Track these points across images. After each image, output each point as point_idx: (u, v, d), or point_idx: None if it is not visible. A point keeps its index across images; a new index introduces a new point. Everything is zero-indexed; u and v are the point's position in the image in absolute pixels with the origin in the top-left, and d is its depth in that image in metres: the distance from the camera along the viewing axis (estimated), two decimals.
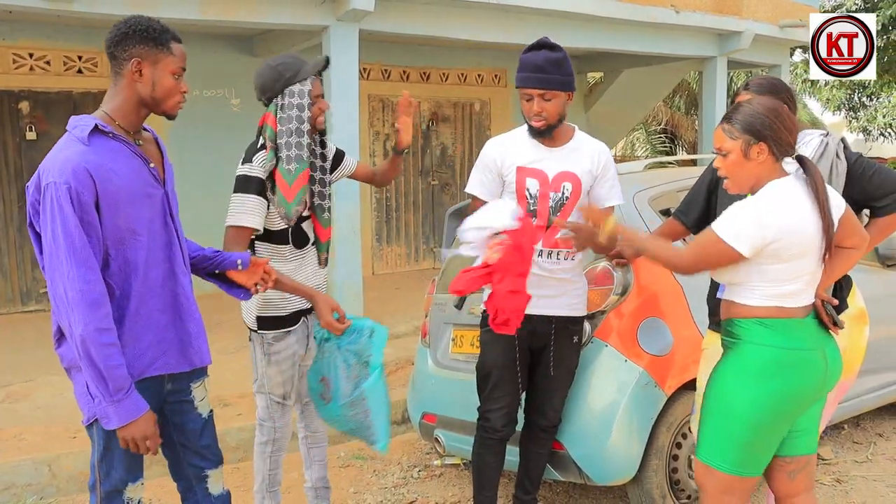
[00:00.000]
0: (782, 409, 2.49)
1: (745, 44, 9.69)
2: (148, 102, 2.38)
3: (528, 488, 3.50)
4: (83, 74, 8.03)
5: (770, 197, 2.46)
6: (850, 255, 2.66)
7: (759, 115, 2.48)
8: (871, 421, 5.15)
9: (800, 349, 2.49)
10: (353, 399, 2.88)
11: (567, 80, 3.11)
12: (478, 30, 7.85)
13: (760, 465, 2.58)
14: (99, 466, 2.40)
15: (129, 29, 2.33)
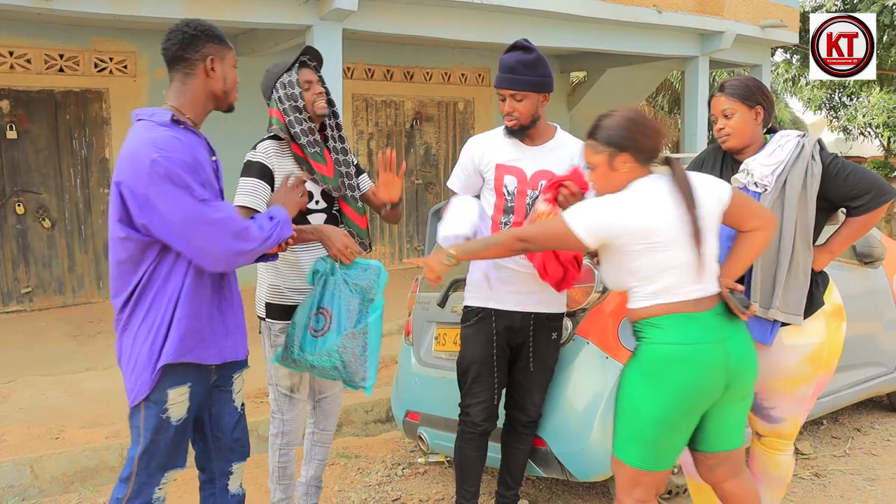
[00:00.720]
0: (682, 405, 2.51)
1: (726, 44, 9.76)
2: (219, 96, 2.54)
3: (510, 484, 3.53)
4: (64, 73, 7.99)
5: (621, 195, 2.55)
6: (755, 237, 2.66)
7: (619, 127, 2.57)
8: (849, 416, 5.21)
9: (693, 343, 2.50)
10: (357, 331, 2.90)
11: (539, 80, 3.15)
12: (461, 29, 7.87)
13: (666, 460, 2.61)
14: (139, 458, 2.46)
15: (196, 31, 2.47)
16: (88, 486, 4.44)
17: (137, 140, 2.33)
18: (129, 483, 2.47)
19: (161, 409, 2.43)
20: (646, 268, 2.52)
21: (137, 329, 2.41)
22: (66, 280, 8.21)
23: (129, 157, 2.31)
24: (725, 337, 2.55)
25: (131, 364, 2.42)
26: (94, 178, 8.28)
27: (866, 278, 4.81)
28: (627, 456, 2.61)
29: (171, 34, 2.48)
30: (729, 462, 2.70)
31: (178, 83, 2.49)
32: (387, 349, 6.46)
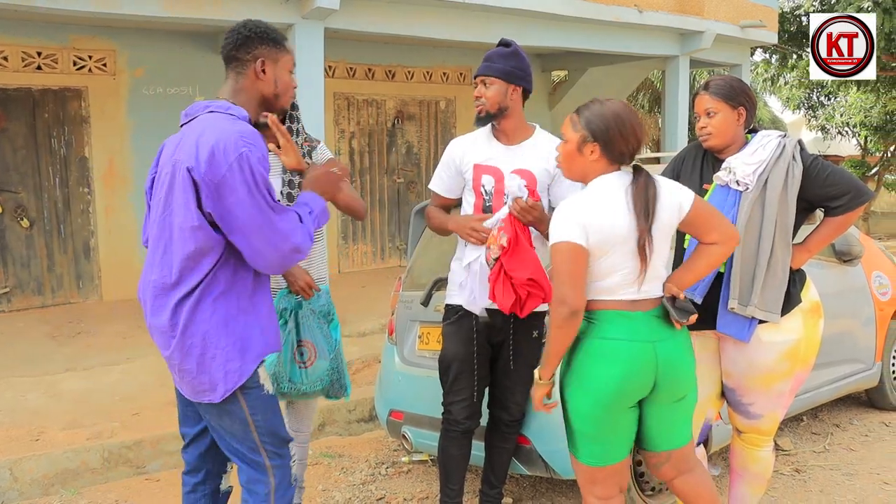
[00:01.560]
0: (604, 397, 2.53)
1: (706, 43, 9.82)
2: (269, 99, 2.54)
3: (494, 483, 3.54)
4: (42, 71, 7.92)
5: (581, 195, 2.58)
6: (711, 251, 2.65)
7: (602, 117, 2.56)
8: (829, 412, 5.27)
9: (618, 339, 2.52)
10: (336, 353, 3.11)
11: (508, 69, 3.22)
12: (443, 29, 7.87)
13: (614, 454, 2.63)
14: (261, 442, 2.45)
15: (250, 32, 2.50)
16: (69, 488, 4.41)
17: (220, 130, 2.31)
18: (268, 472, 2.47)
19: (260, 389, 2.45)
20: (596, 267, 2.54)
21: (219, 317, 2.37)
22: (44, 280, 8.14)
23: (210, 145, 2.28)
24: (657, 338, 2.55)
25: (207, 358, 2.37)
26: (74, 177, 8.21)
27: (845, 276, 4.86)
28: (577, 453, 2.66)
29: (228, 34, 2.52)
30: (672, 460, 2.72)
31: (232, 81, 2.51)
32: (370, 348, 6.49)
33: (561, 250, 2.50)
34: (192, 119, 2.45)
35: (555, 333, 2.51)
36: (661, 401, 2.61)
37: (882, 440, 4.79)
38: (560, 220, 2.53)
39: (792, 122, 23.46)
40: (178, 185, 2.34)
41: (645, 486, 3.66)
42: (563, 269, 2.49)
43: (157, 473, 4.67)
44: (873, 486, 4.11)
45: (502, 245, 3.00)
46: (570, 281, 2.48)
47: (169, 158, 2.43)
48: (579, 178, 2.67)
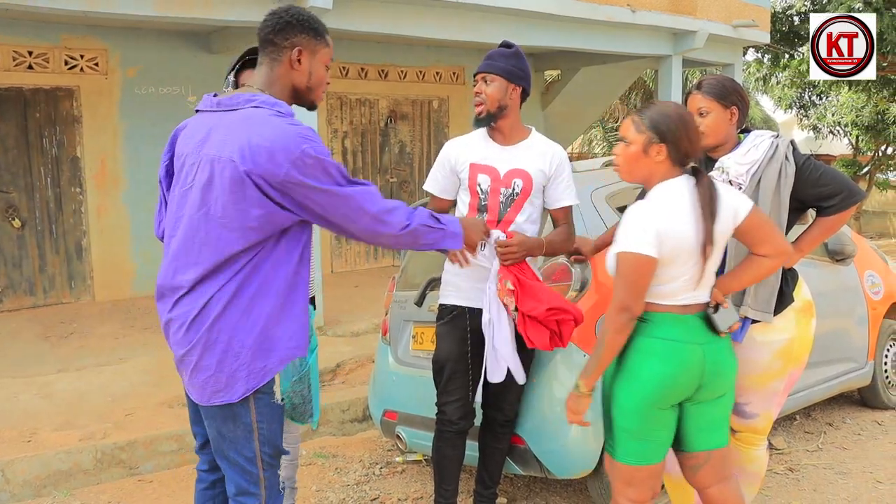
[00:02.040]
0: (651, 396, 2.55)
1: (699, 43, 9.83)
2: (301, 90, 2.44)
3: (488, 483, 3.54)
4: (34, 70, 7.88)
5: (652, 201, 2.56)
6: (761, 263, 2.66)
7: (669, 118, 2.56)
8: (822, 411, 5.28)
9: (671, 340, 2.56)
10: (302, 375, 2.93)
11: (510, 68, 3.24)
12: (436, 28, 7.87)
13: (656, 454, 2.64)
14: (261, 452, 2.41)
15: (292, 18, 2.38)
16: (62, 490, 4.40)
17: (275, 128, 2.24)
18: (260, 484, 2.43)
19: (271, 396, 2.40)
20: (661, 273, 2.54)
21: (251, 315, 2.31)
22: (36, 280, 8.10)
23: (267, 146, 2.20)
24: (705, 341, 2.60)
25: (231, 354, 2.30)
26: (65, 176, 8.17)
27: (837, 275, 4.87)
28: (616, 451, 2.65)
29: (268, 17, 2.41)
30: (711, 464, 2.72)
31: (266, 68, 2.41)
32: (363, 348, 6.48)
33: (630, 261, 2.49)
34: (229, 110, 2.34)
35: (612, 339, 2.52)
36: (701, 399, 2.64)
37: (875, 439, 4.80)
38: (635, 228, 2.51)
39: (784, 122, 23.51)
40: (222, 184, 2.24)
41: None
42: (630, 279, 2.50)
43: (151, 475, 4.65)
44: (866, 484, 4.12)
45: (510, 289, 3.06)
46: (636, 291, 2.51)
47: (196, 150, 2.34)
48: (642, 181, 2.66)
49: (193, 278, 2.31)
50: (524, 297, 3.06)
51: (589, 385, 2.59)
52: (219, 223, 2.27)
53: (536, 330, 3.08)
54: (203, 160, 2.29)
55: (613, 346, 2.54)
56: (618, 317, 2.50)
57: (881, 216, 19.65)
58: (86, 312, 7.92)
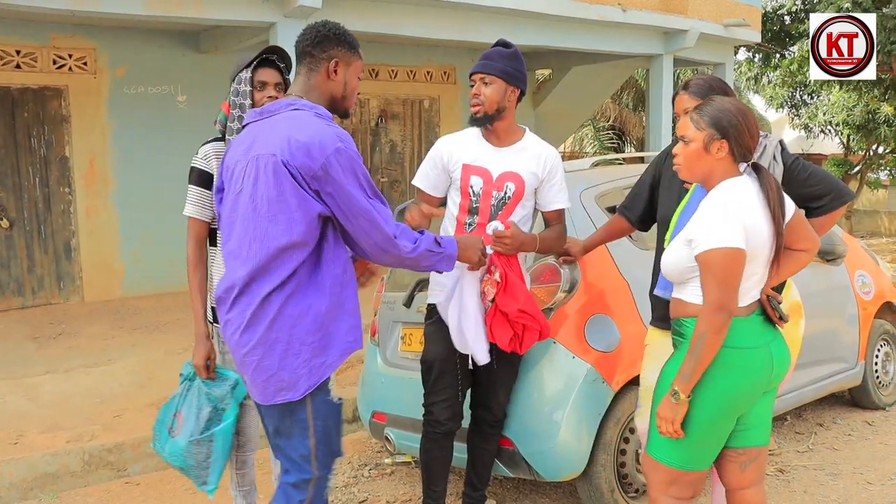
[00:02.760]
0: (729, 407, 2.51)
1: (690, 42, 9.82)
2: (337, 99, 2.58)
3: (477, 485, 3.52)
4: (22, 70, 7.83)
5: (734, 196, 2.49)
6: (800, 257, 2.68)
7: (729, 113, 2.52)
8: (813, 411, 5.28)
9: (745, 348, 2.51)
10: (202, 438, 2.98)
11: (509, 70, 3.20)
12: (426, 27, 7.84)
13: (708, 460, 2.60)
14: (316, 451, 2.47)
15: (329, 32, 2.54)
16: (48, 493, 4.36)
17: (314, 126, 2.38)
18: (311, 483, 2.49)
19: (327, 393, 2.47)
20: None
21: (309, 311, 2.40)
22: (25, 281, 8.05)
23: (305, 140, 2.33)
24: (770, 339, 2.57)
25: (291, 353, 2.39)
26: (54, 176, 8.12)
27: (828, 275, 4.87)
28: (667, 457, 2.58)
29: (306, 30, 2.57)
30: (759, 460, 2.69)
31: (303, 77, 2.55)
32: None
33: (722, 255, 2.41)
34: (271, 115, 2.48)
35: (712, 340, 2.42)
36: (767, 396, 2.61)
37: (865, 439, 4.80)
38: (722, 222, 2.43)
39: (775, 121, 23.54)
40: (266, 178, 2.37)
41: (628, 487, 3.65)
42: (724, 275, 2.42)
43: (138, 477, 4.62)
44: (857, 485, 4.11)
45: (496, 281, 3.04)
46: (730, 287, 2.44)
47: (244, 155, 2.46)
48: (702, 179, 2.60)
49: (245, 276, 2.41)
50: (505, 293, 3.04)
51: (688, 390, 2.47)
52: (266, 217, 2.38)
53: (502, 327, 3.08)
54: (250, 162, 2.43)
55: (713, 347, 2.44)
56: (716, 317, 2.41)
57: (872, 215, 19.69)
58: (74, 313, 7.87)
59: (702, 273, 2.47)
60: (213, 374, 3.04)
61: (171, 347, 6.39)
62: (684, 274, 2.57)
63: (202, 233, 3.11)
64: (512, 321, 3.07)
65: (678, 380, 2.50)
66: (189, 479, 3.10)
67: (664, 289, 2.90)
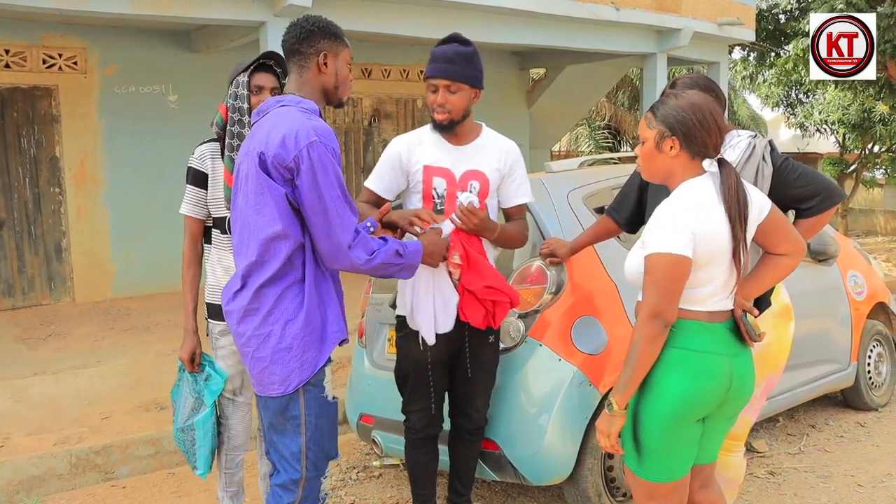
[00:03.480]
0: (680, 411, 2.41)
1: (684, 41, 9.79)
2: (330, 91, 2.63)
3: (461, 490, 3.48)
4: (11, 69, 7.78)
5: (682, 199, 2.41)
6: (781, 262, 2.57)
7: (679, 109, 2.42)
8: (805, 413, 5.25)
9: (701, 351, 2.41)
10: (185, 427, 3.18)
11: (475, 75, 3.11)
12: (419, 26, 7.80)
13: (680, 468, 2.51)
14: (307, 450, 2.50)
15: (313, 26, 2.58)
16: (33, 497, 4.32)
17: (293, 120, 2.41)
18: (300, 484, 2.50)
19: (321, 390, 2.51)
20: (693, 277, 2.40)
21: (302, 305, 2.45)
22: (15, 281, 8.01)
23: (282, 133, 2.38)
24: (734, 353, 2.47)
25: (283, 348, 2.44)
26: (44, 176, 8.08)
27: (820, 276, 4.84)
28: (638, 469, 2.52)
29: (290, 28, 2.61)
30: (700, 476, 2.66)
31: (296, 75, 2.60)
32: (343, 350, 6.39)
33: (665, 261, 2.33)
34: (265, 114, 2.54)
35: (645, 349, 2.34)
36: (721, 415, 2.52)
37: (857, 441, 4.77)
38: (668, 228, 2.35)
39: (771, 120, 23.54)
40: (251, 172, 2.44)
41: (616, 492, 3.62)
42: (664, 282, 2.33)
43: (125, 479, 4.58)
44: (847, 488, 4.09)
45: (457, 263, 2.98)
46: (670, 295, 2.34)
47: (242, 156, 2.55)
48: (663, 179, 2.52)
49: (244, 269, 2.49)
50: (469, 271, 3.00)
51: (623, 403, 2.40)
52: (254, 210, 2.45)
53: (472, 306, 3.04)
54: (243, 161, 2.52)
55: (647, 356, 2.36)
56: (651, 324, 2.33)
57: (868, 214, 19.70)
58: (65, 314, 7.83)
59: (644, 276, 2.40)
60: (198, 368, 3.16)
61: (162, 349, 6.36)
62: (641, 278, 2.48)
63: (197, 230, 3.21)
64: (481, 299, 3.03)
65: (613, 391, 2.43)
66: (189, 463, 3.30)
67: None
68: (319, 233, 2.42)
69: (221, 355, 3.20)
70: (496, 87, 11.43)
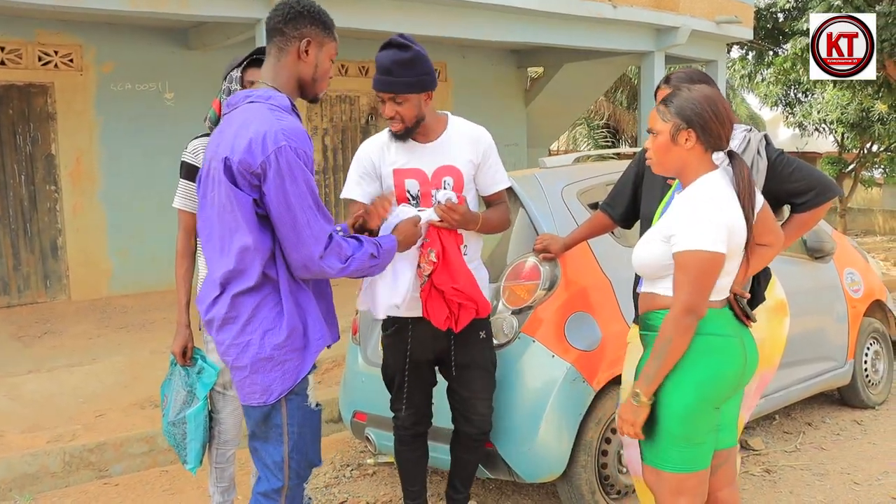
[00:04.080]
0: (709, 395, 2.44)
1: (681, 39, 9.78)
2: (306, 82, 2.47)
3: (460, 487, 3.45)
4: (6, 66, 7.76)
5: (710, 195, 2.43)
6: (765, 252, 2.66)
7: (694, 101, 2.44)
8: (801, 411, 5.23)
9: (719, 335, 2.46)
10: (176, 420, 3.16)
11: (418, 80, 2.95)
12: (416, 24, 7.78)
13: (704, 458, 2.50)
14: (290, 458, 2.41)
15: (303, 9, 2.41)
16: (25, 494, 4.31)
17: (261, 121, 2.26)
18: (282, 493, 2.43)
19: (304, 399, 2.42)
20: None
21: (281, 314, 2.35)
22: (10, 279, 7.98)
23: (249, 136, 2.24)
24: (742, 333, 2.54)
25: (262, 358, 2.35)
26: (40, 174, 8.05)
27: (816, 273, 4.82)
28: (664, 460, 2.48)
29: (278, 6, 2.44)
30: (729, 463, 2.64)
31: (273, 58, 2.44)
32: (339, 347, 6.37)
33: (700, 258, 2.35)
34: (233, 109, 2.41)
35: (678, 343, 2.37)
36: (733, 395, 2.57)
37: (854, 439, 4.75)
38: (702, 224, 2.37)
39: (770, 119, 23.54)
40: (219, 177, 2.31)
41: (610, 489, 3.60)
42: (700, 279, 2.36)
43: (118, 477, 4.56)
44: (843, 486, 4.07)
45: (432, 261, 2.93)
46: (704, 291, 2.38)
47: (209, 156, 2.40)
48: (675, 172, 2.53)
49: (221, 277, 2.36)
50: (442, 270, 2.94)
51: (649, 393, 2.42)
52: (227, 219, 2.32)
53: (437, 305, 2.98)
54: (211, 164, 2.37)
55: (679, 349, 2.38)
56: (685, 319, 2.36)
57: (866, 213, 19.70)
58: (61, 312, 7.80)
59: (676, 272, 2.41)
60: (190, 362, 3.15)
61: (157, 346, 6.33)
62: (660, 270, 2.50)
63: (191, 224, 3.17)
64: (448, 299, 2.97)
65: (640, 382, 2.44)
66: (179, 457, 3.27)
67: None
68: (288, 243, 2.29)
69: (213, 349, 3.16)
70: (494, 86, 11.42)
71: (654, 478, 2.54)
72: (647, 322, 2.58)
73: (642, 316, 2.61)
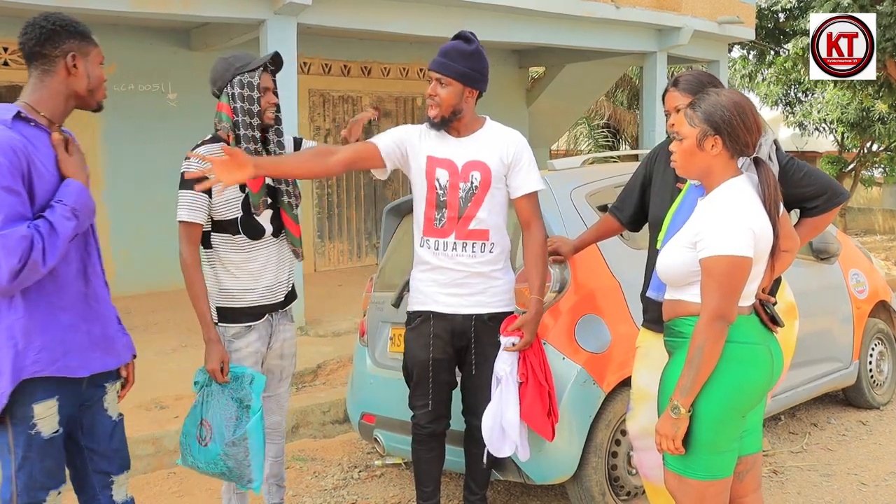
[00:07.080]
0: (737, 403, 2.43)
1: (683, 39, 9.80)
2: (83, 95, 2.40)
3: (475, 488, 3.45)
4: (9, 67, 7.77)
5: (736, 200, 2.43)
6: (785, 257, 2.65)
7: (723, 107, 2.43)
8: (807, 411, 5.24)
9: (748, 343, 2.45)
10: (236, 439, 2.99)
11: (467, 72, 3.09)
12: (418, 24, 7.79)
13: (729, 465, 2.49)
14: (16, 477, 2.31)
15: (55, 25, 2.33)
16: None
17: None
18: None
19: (28, 426, 2.29)
20: None
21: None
22: None
23: None
24: (769, 339, 2.53)
25: None
26: None
27: (822, 274, 4.83)
28: (690, 469, 2.46)
29: (27, 28, 2.34)
30: (755, 469, 2.64)
31: (36, 80, 2.35)
32: (345, 348, 6.40)
33: (728, 263, 2.35)
34: None
35: (711, 350, 2.34)
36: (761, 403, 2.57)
37: (859, 439, 4.76)
38: (729, 230, 2.36)
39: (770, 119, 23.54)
40: None
41: (620, 490, 3.60)
42: (728, 284, 2.35)
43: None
44: (851, 486, 4.07)
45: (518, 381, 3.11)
46: (733, 296, 2.37)
47: None
48: (699, 177, 2.53)
49: None
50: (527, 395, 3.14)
51: (688, 404, 2.38)
52: None
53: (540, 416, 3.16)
54: None
55: (713, 357, 2.35)
56: (715, 325, 2.34)
57: (866, 213, 19.72)
58: None
59: (704, 278, 2.40)
60: (228, 378, 3.02)
61: (162, 347, 6.34)
62: (687, 277, 2.48)
63: (199, 236, 3.08)
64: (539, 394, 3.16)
65: (677, 393, 2.41)
66: (232, 482, 3.09)
67: (657, 290, 2.83)
68: None
69: (236, 358, 3.10)
70: (495, 86, 11.34)
71: (677, 483, 2.53)
72: (673, 329, 2.56)
73: (668, 323, 2.59)
